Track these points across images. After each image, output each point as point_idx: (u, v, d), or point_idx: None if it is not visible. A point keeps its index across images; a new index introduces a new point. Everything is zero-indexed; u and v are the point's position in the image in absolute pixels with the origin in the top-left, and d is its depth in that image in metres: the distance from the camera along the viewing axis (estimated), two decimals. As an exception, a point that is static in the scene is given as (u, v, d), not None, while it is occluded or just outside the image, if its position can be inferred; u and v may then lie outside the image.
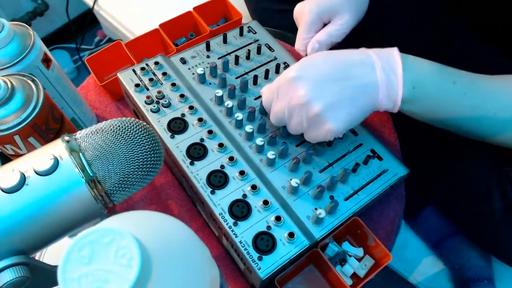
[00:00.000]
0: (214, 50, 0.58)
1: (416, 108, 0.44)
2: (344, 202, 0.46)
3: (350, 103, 0.43)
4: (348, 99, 0.42)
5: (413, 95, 0.43)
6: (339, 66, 0.43)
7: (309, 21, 0.51)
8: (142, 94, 0.52)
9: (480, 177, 0.58)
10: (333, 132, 0.43)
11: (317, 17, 0.51)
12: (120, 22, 0.98)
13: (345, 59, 0.44)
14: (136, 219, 0.24)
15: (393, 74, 0.42)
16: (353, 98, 0.42)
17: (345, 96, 0.42)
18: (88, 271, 0.19)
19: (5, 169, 0.33)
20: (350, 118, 0.43)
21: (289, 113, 0.45)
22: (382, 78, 0.42)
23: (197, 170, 0.47)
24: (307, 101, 0.42)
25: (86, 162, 0.34)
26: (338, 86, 0.42)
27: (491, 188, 0.56)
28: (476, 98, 0.43)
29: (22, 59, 0.46)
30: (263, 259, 0.41)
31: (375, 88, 0.42)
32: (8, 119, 0.41)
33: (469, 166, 0.59)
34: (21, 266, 0.32)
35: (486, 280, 0.69)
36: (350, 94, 0.42)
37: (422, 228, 0.76)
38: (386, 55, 0.43)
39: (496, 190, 0.56)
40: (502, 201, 0.56)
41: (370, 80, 0.42)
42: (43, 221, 0.33)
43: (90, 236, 0.19)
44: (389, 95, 0.43)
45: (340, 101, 0.42)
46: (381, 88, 0.42)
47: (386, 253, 0.46)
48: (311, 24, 0.51)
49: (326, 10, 0.50)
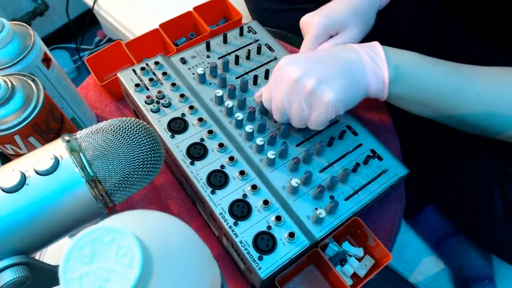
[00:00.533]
0: (214, 50, 0.58)
1: (402, 89, 0.46)
2: (344, 202, 0.46)
3: (341, 77, 0.44)
4: (339, 74, 0.44)
5: (398, 75, 0.45)
6: (326, 51, 0.47)
7: (316, 33, 0.52)
8: (142, 94, 0.52)
9: (480, 176, 0.58)
10: (332, 101, 0.44)
11: (325, 30, 0.52)
12: (120, 22, 0.98)
13: (331, 49, 0.48)
14: (137, 218, 0.24)
15: (376, 56, 0.45)
16: (343, 73, 0.44)
17: (335, 71, 0.44)
18: (89, 270, 0.19)
19: (5, 169, 0.33)
20: (344, 89, 0.44)
21: (288, 100, 0.46)
22: (367, 59, 0.45)
23: (197, 170, 0.47)
24: (299, 78, 0.44)
25: (87, 162, 0.34)
26: (327, 63, 0.45)
27: (491, 187, 0.56)
28: (458, 77, 0.45)
29: (22, 59, 0.46)
30: (263, 259, 0.41)
31: (362, 67, 0.45)
32: (8, 118, 0.41)
33: (470, 166, 0.59)
34: (22, 266, 0.31)
35: (486, 279, 0.69)
36: (340, 70, 0.44)
37: (422, 228, 0.76)
38: (368, 44, 0.46)
39: (497, 190, 0.56)
40: (503, 201, 0.56)
41: (356, 59, 0.45)
42: (44, 221, 0.33)
43: (91, 235, 0.19)
44: (376, 73, 0.45)
45: (332, 74, 0.44)
46: (367, 66, 0.44)
47: (386, 253, 0.46)
48: (318, 36, 0.52)
49: (335, 24, 0.52)
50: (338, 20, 0.51)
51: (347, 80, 0.44)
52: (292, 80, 0.44)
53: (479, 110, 0.45)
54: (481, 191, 0.58)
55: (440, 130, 0.49)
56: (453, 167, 0.62)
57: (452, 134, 0.49)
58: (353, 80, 0.45)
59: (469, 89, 0.45)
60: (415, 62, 0.46)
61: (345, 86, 0.44)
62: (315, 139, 0.50)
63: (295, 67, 0.44)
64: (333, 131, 0.51)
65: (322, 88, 0.43)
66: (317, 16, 0.52)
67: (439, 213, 0.74)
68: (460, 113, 0.47)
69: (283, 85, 0.45)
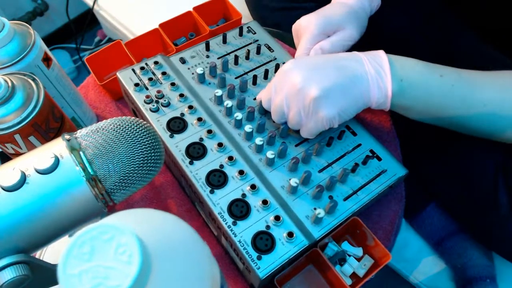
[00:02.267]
0: (214, 50, 0.58)
1: (407, 101, 0.46)
2: (343, 202, 0.46)
3: (343, 91, 0.45)
4: (340, 86, 0.44)
5: (402, 87, 0.45)
6: (330, 59, 0.47)
7: (314, 32, 0.52)
8: (142, 94, 0.52)
9: (485, 173, 0.57)
10: (329, 117, 0.45)
11: (323, 30, 0.52)
12: (120, 22, 0.98)
13: (335, 55, 0.48)
14: (136, 217, 0.24)
15: (380, 68, 0.45)
16: (344, 86, 0.45)
17: (337, 83, 0.44)
18: (89, 268, 0.19)
19: (5, 167, 0.33)
20: (343, 105, 0.45)
21: (287, 104, 0.46)
22: (371, 71, 0.45)
23: (196, 169, 0.47)
24: (302, 87, 0.44)
25: (87, 161, 0.34)
26: (331, 73, 0.45)
27: (497, 184, 0.56)
28: (465, 89, 0.45)
29: (22, 58, 0.46)
30: (262, 259, 0.41)
31: (365, 79, 0.45)
32: (9, 118, 0.41)
33: (474, 162, 0.59)
34: (22, 264, 0.32)
35: (488, 279, 0.69)
36: (342, 81, 0.45)
37: (423, 227, 0.75)
38: (373, 54, 0.46)
39: (502, 186, 0.56)
40: (508, 197, 0.55)
41: (359, 71, 0.45)
42: (44, 220, 0.33)
43: (90, 233, 0.20)
44: (379, 86, 0.45)
45: (333, 86, 0.44)
46: (370, 79, 0.45)
47: (385, 252, 0.46)
48: (317, 36, 0.52)
49: (333, 24, 0.52)
50: (335, 20, 0.52)
51: (348, 94, 0.45)
52: (295, 87, 0.45)
53: (485, 118, 0.46)
54: (486, 188, 0.57)
55: (441, 129, 0.49)
56: (456, 165, 0.61)
57: (453, 132, 0.49)
58: (354, 95, 0.45)
59: (475, 99, 0.45)
60: (421, 73, 0.46)
61: (344, 102, 0.45)
62: (314, 139, 0.50)
63: (299, 74, 0.45)
64: (332, 131, 0.51)
65: (321, 103, 0.44)
66: (315, 17, 0.52)
67: (440, 213, 0.74)
68: (466, 122, 0.47)
69: (285, 89, 0.46)
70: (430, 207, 0.74)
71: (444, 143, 0.62)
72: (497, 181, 0.56)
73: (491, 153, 0.57)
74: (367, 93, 0.45)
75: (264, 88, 0.54)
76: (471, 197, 0.60)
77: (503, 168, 0.56)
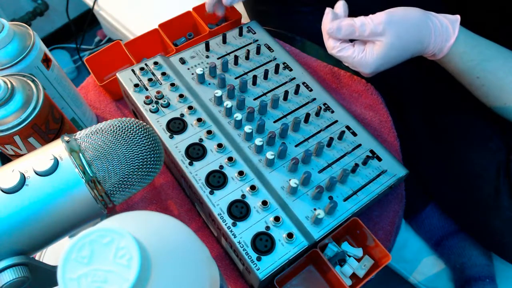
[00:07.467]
0: (214, 50, 0.58)
1: (464, 54, 0.48)
2: (343, 203, 0.46)
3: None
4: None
5: (465, 42, 0.48)
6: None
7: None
8: (141, 94, 0.52)
9: (486, 175, 0.57)
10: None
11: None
12: (120, 22, 0.98)
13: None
14: (136, 219, 0.24)
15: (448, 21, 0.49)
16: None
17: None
18: (88, 271, 0.19)
19: (5, 169, 0.33)
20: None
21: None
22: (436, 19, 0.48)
23: (196, 170, 0.47)
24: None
25: (86, 163, 0.34)
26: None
27: (498, 186, 0.56)
28: None
29: (22, 59, 0.46)
30: (262, 260, 0.41)
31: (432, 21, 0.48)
32: (8, 119, 0.41)
33: (475, 163, 0.58)
34: (21, 266, 0.32)
35: (487, 278, 0.69)
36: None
37: (422, 228, 0.75)
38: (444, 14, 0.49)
39: (504, 187, 0.55)
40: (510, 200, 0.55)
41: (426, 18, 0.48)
42: (43, 222, 0.33)
43: (89, 236, 0.20)
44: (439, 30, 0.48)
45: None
46: (435, 21, 0.48)
47: (385, 253, 0.46)
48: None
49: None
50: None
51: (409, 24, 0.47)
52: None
53: None
54: (487, 191, 0.57)
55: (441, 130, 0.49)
56: (457, 165, 0.61)
57: (454, 133, 0.48)
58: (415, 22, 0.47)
59: None
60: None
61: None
62: (314, 140, 0.50)
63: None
64: (332, 132, 0.51)
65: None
66: None
67: (439, 213, 0.74)
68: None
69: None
70: (430, 207, 0.73)
71: (444, 144, 0.62)
72: (499, 183, 0.55)
73: (493, 153, 0.57)
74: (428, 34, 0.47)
75: (264, 88, 0.54)
76: (472, 200, 0.60)
77: (506, 169, 0.55)
